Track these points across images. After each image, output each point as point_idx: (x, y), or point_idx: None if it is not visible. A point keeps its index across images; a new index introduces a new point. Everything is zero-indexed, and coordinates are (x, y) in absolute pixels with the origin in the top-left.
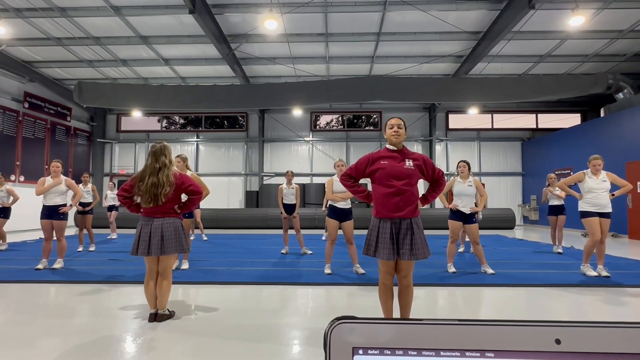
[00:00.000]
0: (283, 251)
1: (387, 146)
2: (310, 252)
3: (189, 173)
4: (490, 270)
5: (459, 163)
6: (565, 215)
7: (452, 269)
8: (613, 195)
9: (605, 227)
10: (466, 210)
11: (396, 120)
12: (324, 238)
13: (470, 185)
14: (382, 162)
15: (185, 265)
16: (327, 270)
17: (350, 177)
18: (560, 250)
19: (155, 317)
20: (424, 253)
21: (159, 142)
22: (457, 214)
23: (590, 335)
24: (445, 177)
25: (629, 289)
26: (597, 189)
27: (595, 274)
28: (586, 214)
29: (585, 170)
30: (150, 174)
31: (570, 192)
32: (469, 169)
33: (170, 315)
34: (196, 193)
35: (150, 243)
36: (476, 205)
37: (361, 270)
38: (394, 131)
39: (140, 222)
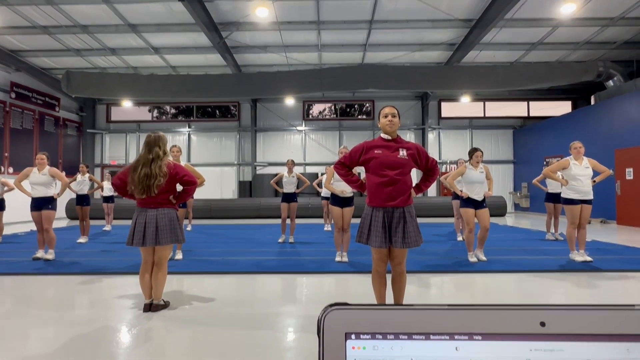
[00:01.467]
0: (280, 240)
1: (382, 135)
2: (292, 240)
3: (182, 163)
4: (483, 257)
5: (475, 152)
6: None
7: (473, 258)
8: (594, 181)
9: (587, 213)
10: (479, 197)
11: (390, 109)
12: (326, 228)
13: (482, 172)
14: (376, 151)
15: (179, 256)
16: (338, 258)
17: (344, 166)
18: (560, 238)
19: (150, 307)
20: (417, 241)
21: (155, 133)
22: (470, 202)
23: (574, 317)
24: (439, 166)
25: (616, 273)
26: (581, 175)
27: (582, 259)
28: (570, 201)
29: (568, 157)
30: (143, 164)
31: (556, 179)
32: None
33: (165, 306)
34: (191, 183)
35: (145, 233)
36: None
37: (345, 259)
38: (388, 120)
39: (136, 213)
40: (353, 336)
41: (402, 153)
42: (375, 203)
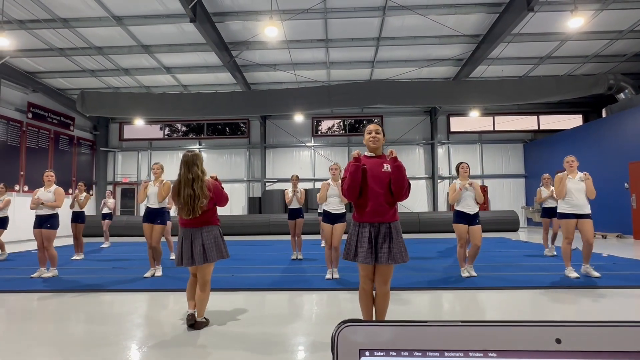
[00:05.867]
0: (293, 257)
1: (366, 153)
2: (301, 257)
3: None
4: (473, 273)
5: (461, 164)
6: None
7: (465, 274)
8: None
9: (588, 227)
10: (471, 210)
11: (374, 126)
12: (323, 245)
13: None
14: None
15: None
16: (328, 276)
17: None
18: (555, 253)
19: (194, 323)
20: (403, 257)
21: (191, 151)
22: (462, 217)
23: (590, 334)
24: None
25: (634, 290)
26: (574, 189)
27: (577, 275)
28: (564, 216)
29: (562, 173)
30: (184, 185)
31: (562, 192)
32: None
33: (206, 323)
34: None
35: (193, 253)
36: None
37: (336, 276)
38: (372, 137)
39: (180, 233)
40: (367, 353)
41: (386, 167)
42: (362, 219)
